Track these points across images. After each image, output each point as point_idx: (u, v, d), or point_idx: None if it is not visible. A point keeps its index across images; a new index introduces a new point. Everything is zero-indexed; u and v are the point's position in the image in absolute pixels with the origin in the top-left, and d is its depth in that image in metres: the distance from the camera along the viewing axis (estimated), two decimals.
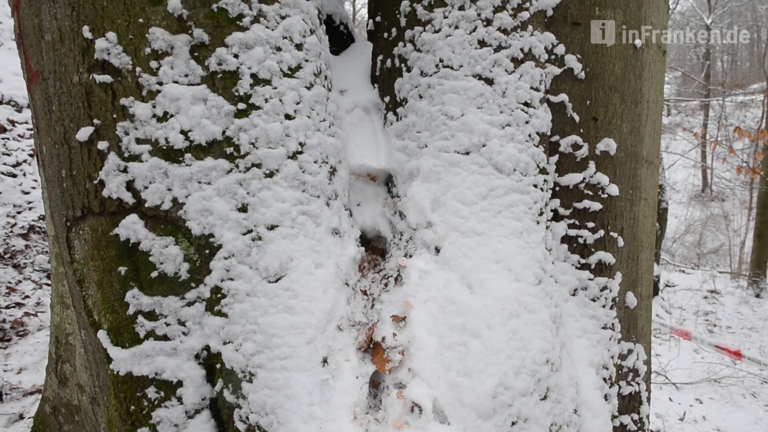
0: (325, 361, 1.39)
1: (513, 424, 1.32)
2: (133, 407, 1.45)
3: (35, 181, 5.71)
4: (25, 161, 5.85)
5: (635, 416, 1.93)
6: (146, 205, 1.44)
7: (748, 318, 10.49)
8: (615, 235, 1.82)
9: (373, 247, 1.80)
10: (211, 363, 1.46)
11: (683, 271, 12.95)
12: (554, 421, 1.39)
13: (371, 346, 1.43)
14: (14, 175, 5.61)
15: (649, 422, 2.05)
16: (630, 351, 1.92)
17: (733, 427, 6.43)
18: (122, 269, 1.45)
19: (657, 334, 8.70)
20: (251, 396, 1.35)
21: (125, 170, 1.44)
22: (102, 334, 1.50)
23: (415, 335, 1.39)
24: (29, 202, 5.45)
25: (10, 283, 4.59)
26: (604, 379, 1.71)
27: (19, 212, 5.32)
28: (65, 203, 1.56)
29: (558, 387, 1.44)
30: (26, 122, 6.23)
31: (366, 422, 1.30)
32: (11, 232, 5.06)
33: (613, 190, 1.81)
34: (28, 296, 4.50)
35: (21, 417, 3.35)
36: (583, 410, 1.55)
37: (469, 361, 1.35)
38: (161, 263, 1.44)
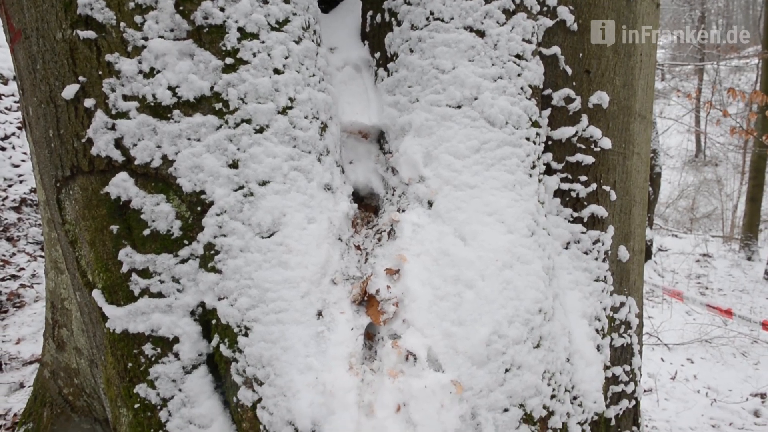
0: (319, 314, 1.40)
1: (507, 371, 1.34)
2: (130, 364, 1.46)
3: (25, 153, 5.65)
4: (13, 134, 5.78)
5: (627, 367, 1.96)
6: (136, 162, 1.43)
7: (739, 280, 10.63)
8: (607, 188, 1.83)
9: (366, 204, 1.80)
10: (206, 319, 1.47)
11: (676, 236, 13.05)
12: (547, 369, 1.41)
13: (365, 298, 1.44)
14: (3, 149, 5.55)
15: (641, 374, 2.09)
16: (622, 304, 1.94)
17: (723, 385, 6.57)
18: (114, 228, 1.44)
19: (649, 297, 8.81)
20: (247, 349, 1.36)
21: (113, 128, 1.42)
22: (97, 294, 1.50)
23: (409, 287, 1.40)
24: (20, 175, 5.40)
25: (4, 255, 4.58)
26: (597, 330, 1.74)
27: (9, 185, 5.28)
28: (54, 163, 1.54)
29: (551, 336, 1.46)
30: (13, 94, 6.14)
31: (362, 372, 1.32)
32: (3, 205, 5.03)
33: (606, 143, 1.81)
34: (23, 268, 4.50)
35: (21, 386, 3.39)
36: (576, 359, 1.58)
37: (463, 310, 1.36)
38: (153, 221, 1.43)
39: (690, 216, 14.86)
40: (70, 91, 1.44)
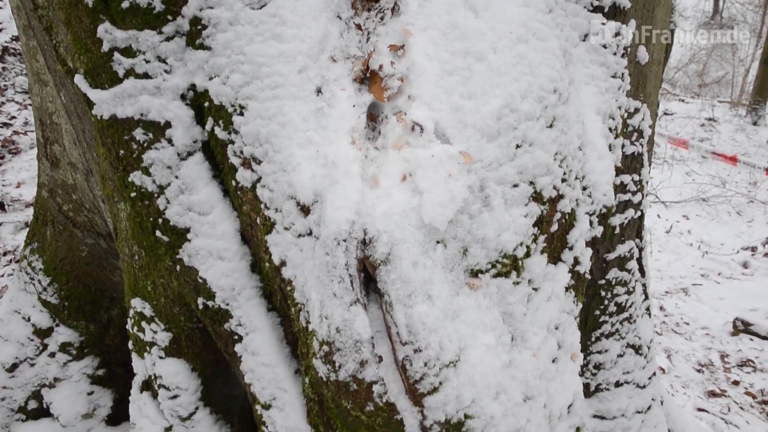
0: (319, 90, 1.30)
1: (518, 146, 1.27)
2: (122, 151, 1.40)
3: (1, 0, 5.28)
4: None
5: (636, 177, 1.92)
6: None
7: (742, 145, 10.54)
8: None
9: None
10: (199, 103, 1.38)
11: (683, 101, 12.74)
12: (559, 150, 1.35)
13: (368, 75, 1.34)
14: None
15: (648, 185, 2.05)
16: (636, 110, 1.85)
17: (716, 239, 6.72)
18: (89, 0, 1.30)
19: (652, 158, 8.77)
20: (243, 128, 1.28)
21: None
22: (79, 79, 1.39)
23: (414, 62, 1.29)
24: None
25: None
26: (610, 129, 1.66)
27: None
28: None
29: (564, 118, 1.38)
30: None
31: (365, 148, 1.25)
32: None
33: None
34: (14, 117, 4.37)
35: (26, 225, 3.41)
36: (588, 150, 1.51)
37: (473, 84, 1.27)
38: None
39: (699, 82, 14.41)
40: None
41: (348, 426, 1.17)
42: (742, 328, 4.65)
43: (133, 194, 1.42)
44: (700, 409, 3.70)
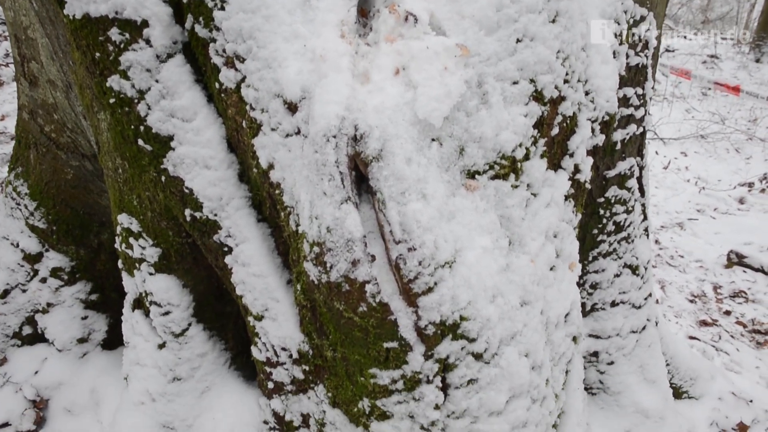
0: None
1: (518, 41, 1.19)
2: (98, 54, 1.31)
3: None
4: None
5: (639, 90, 1.84)
6: None
7: (744, 82, 10.32)
8: None
9: None
10: (177, 0, 1.29)
11: (685, 37, 12.42)
12: (562, 48, 1.27)
13: None
14: None
15: (651, 100, 1.98)
16: (643, 18, 1.75)
17: (713, 175, 6.69)
18: None
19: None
20: (225, 24, 1.20)
21: None
22: None
23: None
24: None
25: None
26: (615, 34, 1.57)
27: None
28: None
29: (568, 14, 1.29)
30: None
31: (355, 43, 1.17)
32: None
33: None
34: None
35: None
36: (592, 53, 1.43)
37: None
38: None
39: (702, 18, 14.01)
40: None
41: (341, 329, 1.14)
42: (736, 260, 4.68)
43: (112, 100, 1.35)
44: (691, 338, 3.76)
